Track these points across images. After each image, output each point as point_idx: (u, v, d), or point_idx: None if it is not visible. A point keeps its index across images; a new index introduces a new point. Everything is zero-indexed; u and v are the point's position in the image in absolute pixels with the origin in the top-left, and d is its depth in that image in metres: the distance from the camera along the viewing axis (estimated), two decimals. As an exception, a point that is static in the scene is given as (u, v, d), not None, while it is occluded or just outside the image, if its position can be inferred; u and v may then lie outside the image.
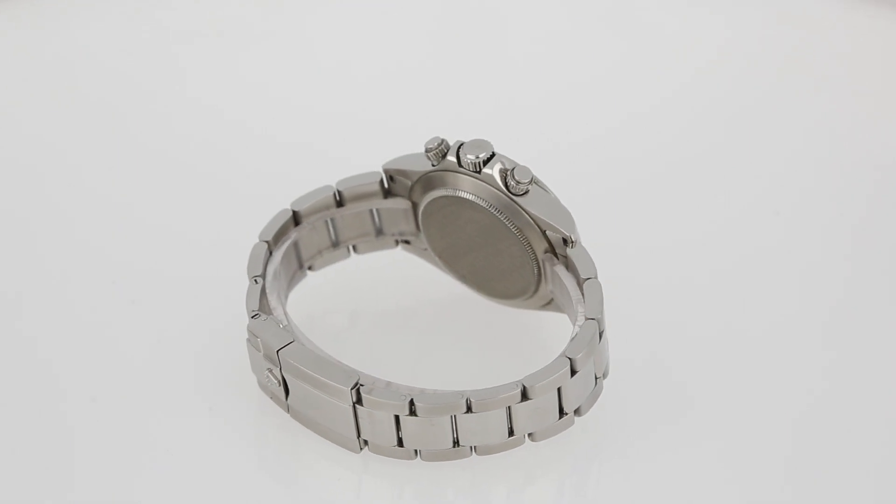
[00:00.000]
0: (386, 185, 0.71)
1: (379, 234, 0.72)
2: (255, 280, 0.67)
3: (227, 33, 0.89)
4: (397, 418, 0.62)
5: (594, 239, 0.68)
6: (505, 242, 0.67)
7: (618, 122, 0.83)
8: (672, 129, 0.83)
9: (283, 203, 0.70)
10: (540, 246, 0.67)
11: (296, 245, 0.70)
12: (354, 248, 0.72)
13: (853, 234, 0.75)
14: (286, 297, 0.69)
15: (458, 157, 0.67)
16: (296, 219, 0.70)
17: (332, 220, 0.71)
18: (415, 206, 0.70)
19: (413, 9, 0.90)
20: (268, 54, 0.88)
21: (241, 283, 0.68)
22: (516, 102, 0.85)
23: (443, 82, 0.86)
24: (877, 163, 0.79)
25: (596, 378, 0.64)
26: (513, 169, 0.66)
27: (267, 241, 0.69)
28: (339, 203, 0.71)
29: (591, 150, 0.81)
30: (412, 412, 0.62)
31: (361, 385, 0.62)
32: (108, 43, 0.88)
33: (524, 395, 0.62)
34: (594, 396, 0.65)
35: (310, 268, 0.72)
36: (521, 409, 0.62)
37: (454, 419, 0.62)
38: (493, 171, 0.66)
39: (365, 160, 0.72)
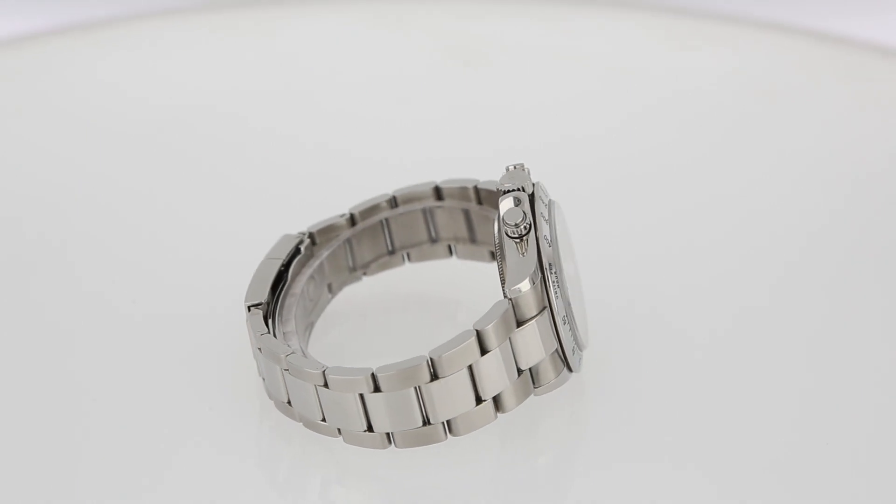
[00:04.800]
0: None
1: None
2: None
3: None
4: (313, 387, 0.61)
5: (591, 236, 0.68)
6: None
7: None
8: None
9: (291, 216, 0.70)
10: None
11: (431, 215, 0.68)
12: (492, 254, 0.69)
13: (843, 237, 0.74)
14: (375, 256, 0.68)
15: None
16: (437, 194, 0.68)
17: (467, 211, 0.68)
18: None
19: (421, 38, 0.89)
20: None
21: (244, 280, 0.66)
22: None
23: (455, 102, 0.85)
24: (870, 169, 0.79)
25: (520, 371, 0.61)
26: (506, 210, 0.61)
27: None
28: (478, 201, 0.68)
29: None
30: (325, 384, 0.60)
31: (289, 356, 0.61)
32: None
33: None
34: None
35: (450, 250, 0.69)
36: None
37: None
38: (502, 205, 0.62)
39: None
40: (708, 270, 0.72)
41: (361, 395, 0.59)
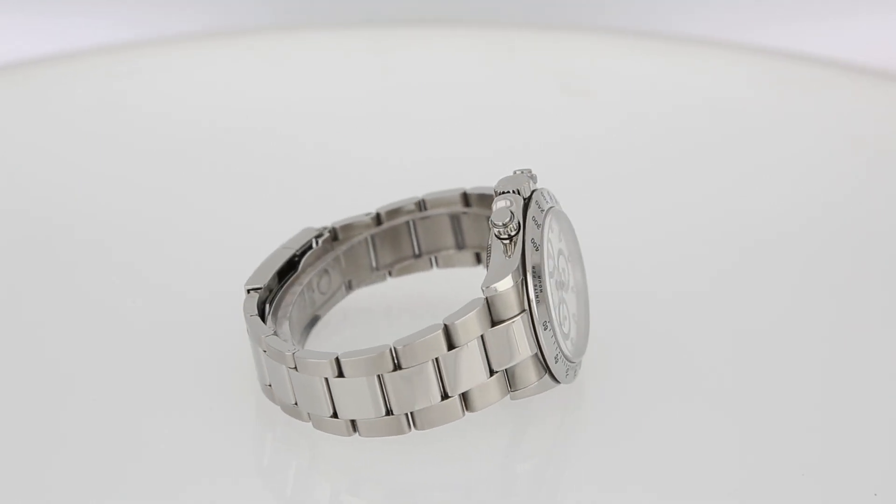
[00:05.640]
0: None
1: None
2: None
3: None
4: (285, 369, 0.61)
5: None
6: None
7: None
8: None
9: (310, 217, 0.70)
10: None
11: (458, 222, 0.67)
12: None
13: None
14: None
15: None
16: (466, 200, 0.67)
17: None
18: None
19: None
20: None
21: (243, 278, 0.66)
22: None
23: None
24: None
25: (493, 371, 0.59)
26: (495, 211, 0.60)
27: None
28: None
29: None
30: (295, 367, 0.60)
31: (268, 337, 0.60)
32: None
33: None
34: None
35: (478, 258, 0.68)
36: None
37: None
38: (494, 205, 0.60)
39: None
40: (709, 279, 0.71)
41: (327, 380, 0.59)
